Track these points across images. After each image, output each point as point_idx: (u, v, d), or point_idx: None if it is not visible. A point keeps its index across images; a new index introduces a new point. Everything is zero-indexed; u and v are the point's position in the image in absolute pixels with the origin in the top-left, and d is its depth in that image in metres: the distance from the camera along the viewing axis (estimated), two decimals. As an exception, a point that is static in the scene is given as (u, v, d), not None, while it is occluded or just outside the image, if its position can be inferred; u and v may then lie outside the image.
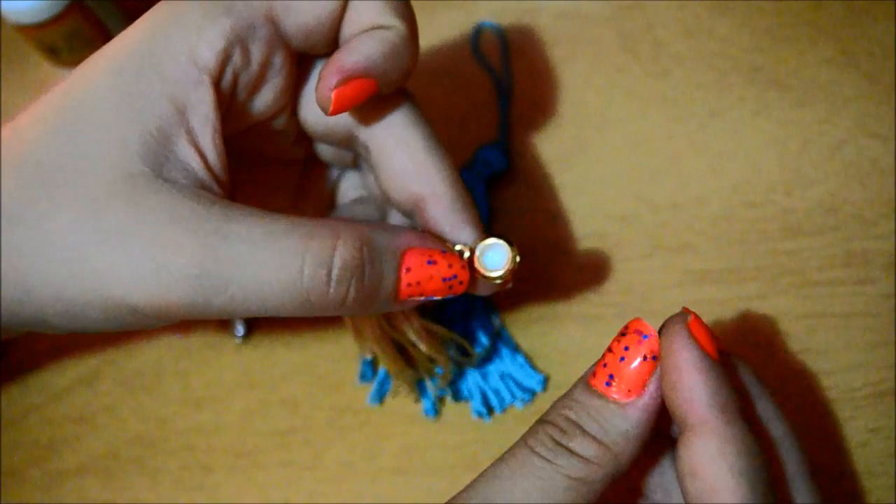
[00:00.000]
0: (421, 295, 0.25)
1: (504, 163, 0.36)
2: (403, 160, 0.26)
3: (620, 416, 0.22)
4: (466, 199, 0.26)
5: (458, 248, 0.25)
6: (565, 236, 0.35)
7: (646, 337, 0.22)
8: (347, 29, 0.25)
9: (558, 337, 0.33)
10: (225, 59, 0.23)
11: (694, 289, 0.33)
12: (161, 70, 0.23)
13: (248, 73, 0.24)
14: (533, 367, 0.32)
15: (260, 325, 0.35)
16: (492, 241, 0.25)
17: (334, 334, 0.34)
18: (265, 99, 0.25)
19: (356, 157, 0.29)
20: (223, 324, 0.34)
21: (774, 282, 0.33)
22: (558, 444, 0.22)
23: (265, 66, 0.25)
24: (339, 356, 0.33)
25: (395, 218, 0.29)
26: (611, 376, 0.22)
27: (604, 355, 0.23)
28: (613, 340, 0.23)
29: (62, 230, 0.22)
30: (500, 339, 0.33)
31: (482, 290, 0.27)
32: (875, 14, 0.38)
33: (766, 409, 0.24)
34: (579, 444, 0.22)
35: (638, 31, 0.39)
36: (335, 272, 0.22)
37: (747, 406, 0.23)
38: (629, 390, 0.22)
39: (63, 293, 0.22)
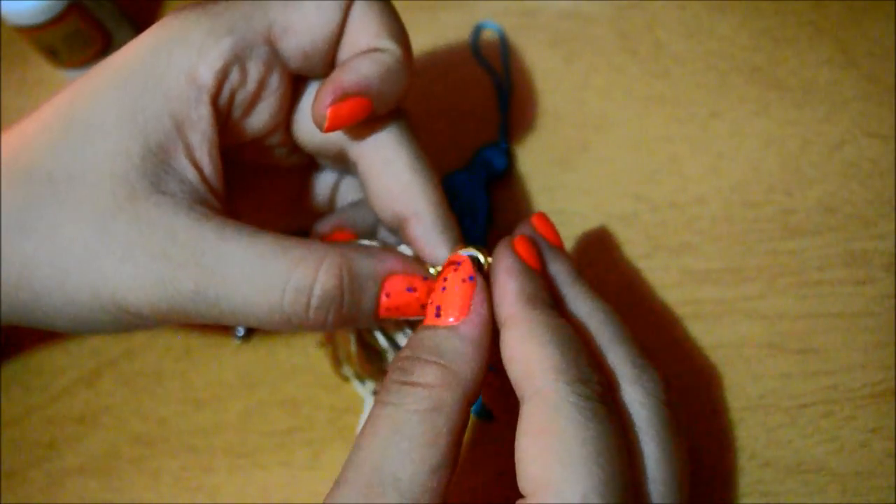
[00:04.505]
0: (400, 316, 0.26)
1: (504, 163, 0.36)
2: (389, 181, 0.26)
3: (452, 336, 0.23)
4: (448, 221, 0.27)
5: (431, 270, 0.26)
6: (565, 236, 0.35)
7: (459, 264, 0.24)
8: (344, 52, 0.26)
9: (558, 337, 0.33)
10: (223, 78, 0.24)
11: (694, 289, 0.33)
12: (163, 87, 0.24)
13: (244, 90, 0.25)
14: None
15: (260, 325, 0.35)
16: (461, 253, 0.26)
17: (334, 334, 0.34)
18: (260, 117, 0.26)
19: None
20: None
21: (774, 282, 0.33)
22: (401, 383, 0.22)
23: (261, 85, 0.25)
24: (339, 356, 0.33)
25: (384, 229, 0.30)
26: (438, 307, 0.23)
27: (433, 292, 0.24)
28: (436, 281, 0.25)
29: (72, 240, 0.23)
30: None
31: None
32: (875, 14, 0.38)
33: (582, 304, 0.25)
34: (420, 374, 0.22)
35: (638, 31, 0.39)
36: (314, 300, 0.24)
37: (559, 302, 0.25)
38: (456, 313, 0.23)
39: (74, 298, 0.24)
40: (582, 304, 0.25)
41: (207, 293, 0.23)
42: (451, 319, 0.23)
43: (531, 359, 0.21)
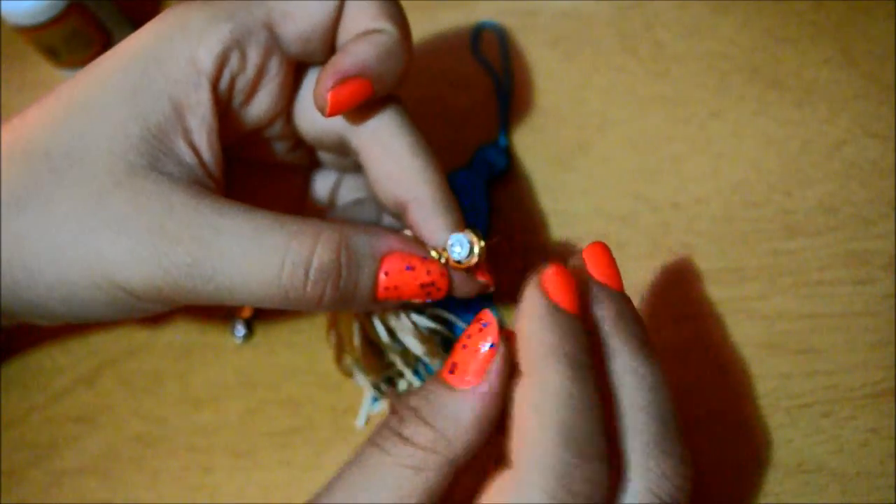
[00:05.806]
0: (399, 298, 0.25)
1: (504, 163, 0.36)
2: (389, 165, 0.26)
3: (455, 401, 0.21)
4: (448, 204, 0.26)
5: (432, 252, 0.25)
6: (565, 236, 0.35)
7: (486, 325, 0.22)
8: (343, 36, 0.26)
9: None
10: (223, 63, 0.24)
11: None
12: (163, 72, 0.24)
13: (244, 76, 0.25)
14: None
15: (260, 325, 0.35)
16: (456, 234, 0.26)
17: (334, 334, 0.34)
18: (261, 104, 0.26)
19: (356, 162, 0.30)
20: (223, 324, 0.34)
21: (774, 282, 0.33)
22: (394, 432, 0.21)
23: (261, 70, 0.25)
24: (339, 356, 0.33)
25: (387, 219, 0.30)
26: (454, 364, 0.22)
27: (454, 347, 0.23)
28: (464, 332, 0.23)
29: (67, 216, 0.23)
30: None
31: (460, 293, 0.27)
32: (875, 14, 0.38)
33: (618, 359, 0.22)
34: (413, 431, 0.21)
35: (638, 31, 0.39)
36: (312, 273, 0.23)
37: (594, 353, 0.22)
38: (469, 378, 0.22)
39: (67, 276, 0.23)
40: (618, 360, 0.22)
41: (204, 267, 0.23)
42: (463, 383, 0.22)
43: (522, 423, 0.20)
